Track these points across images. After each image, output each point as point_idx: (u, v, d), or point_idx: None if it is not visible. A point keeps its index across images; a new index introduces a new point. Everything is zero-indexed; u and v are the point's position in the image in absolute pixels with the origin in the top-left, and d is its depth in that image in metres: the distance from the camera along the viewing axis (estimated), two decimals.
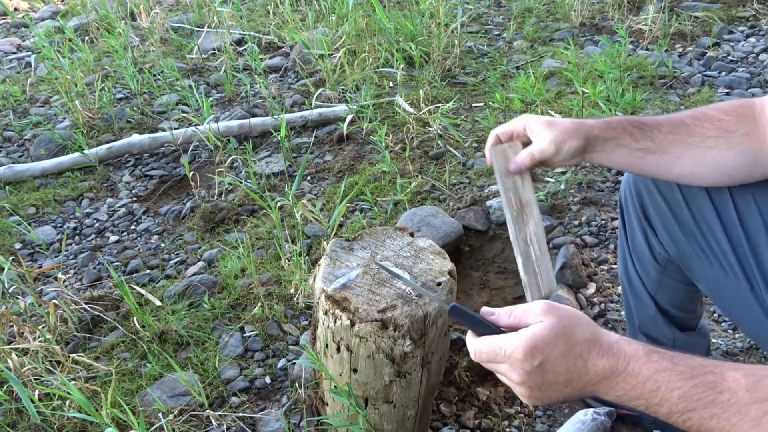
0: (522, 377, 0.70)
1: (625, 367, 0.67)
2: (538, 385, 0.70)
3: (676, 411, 0.64)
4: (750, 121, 0.96)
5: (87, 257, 2.12)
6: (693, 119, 0.97)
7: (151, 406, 1.49)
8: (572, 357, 0.68)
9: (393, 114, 2.72)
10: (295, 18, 3.69)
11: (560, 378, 0.69)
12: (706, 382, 0.63)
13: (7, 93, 3.30)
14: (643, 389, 0.66)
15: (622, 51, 2.79)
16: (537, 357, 0.68)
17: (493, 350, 0.72)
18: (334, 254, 1.13)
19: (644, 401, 0.66)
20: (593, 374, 0.68)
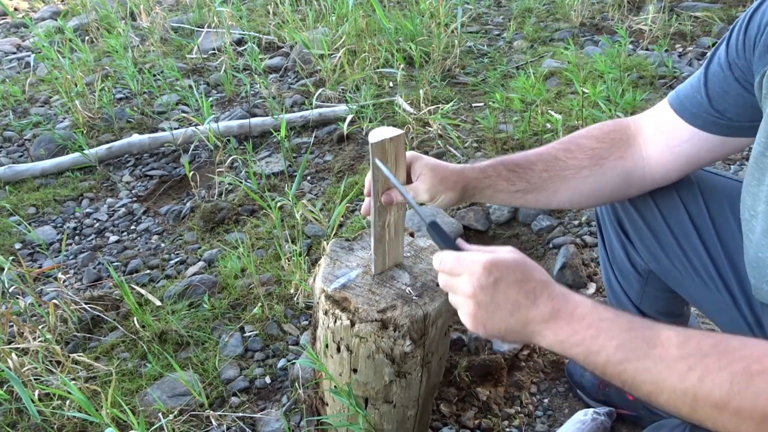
0: (474, 289, 0.74)
1: (571, 311, 0.71)
2: (486, 304, 0.74)
3: (612, 361, 0.67)
4: (623, 144, 1.00)
5: (87, 257, 2.12)
6: (566, 152, 1.00)
7: (151, 406, 1.49)
8: (525, 289, 0.73)
9: (393, 114, 2.72)
10: (295, 18, 3.69)
11: (508, 304, 0.73)
12: (643, 336, 0.67)
13: (7, 93, 3.30)
14: (585, 335, 0.69)
15: (622, 51, 2.79)
16: (494, 273, 0.73)
17: (457, 260, 0.77)
18: (334, 254, 1.13)
19: (584, 348, 0.69)
20: (540, 312, 0.72)
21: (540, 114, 2.56)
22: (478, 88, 2.95)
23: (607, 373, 0.68)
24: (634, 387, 0.67)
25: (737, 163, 2.26)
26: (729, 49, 0.87)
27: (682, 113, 0.94)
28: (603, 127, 1.03)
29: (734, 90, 0.87)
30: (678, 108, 0.95)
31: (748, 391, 0.59)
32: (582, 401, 1.46)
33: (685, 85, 0.96)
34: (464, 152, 2.44)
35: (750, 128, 0.87)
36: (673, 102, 0.96)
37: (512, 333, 0.74)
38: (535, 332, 0.73)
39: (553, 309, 0.72)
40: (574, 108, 2.43)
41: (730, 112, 0.89)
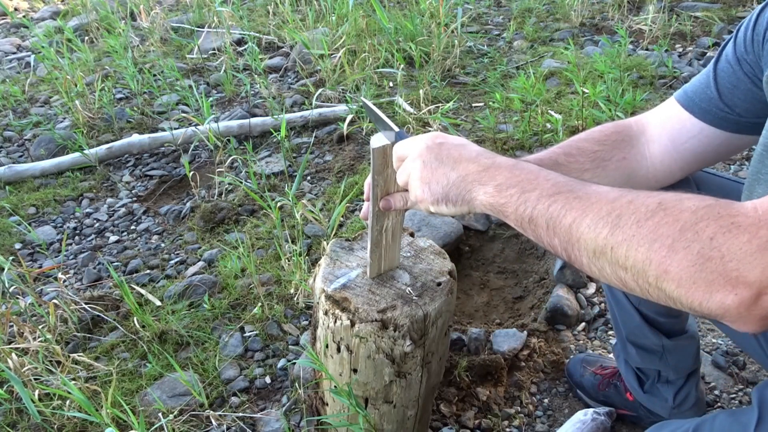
0: (421, 150, 0.80)
1: (514, 163, 0.75)
2: (430, 162, 0.79)
3: (545, 194, 0.69)
4: (625, 146, 1.00)
5: (87, 257, 2.12)
6: (567, 156, 1.00)
7: (151, 406, 1.49)
8: (469, 149, 0.79)
9: (393, 114, 2.72)
10: (295, 18, 3.69)
11: (450, 160, 0.78)
12: (579, 181, 0.70)
13: (7, 93, 3.30)
14: (523, 177, 0.72)
15: (622, 51, 2.79)
16: (440, 138, 0.81)
17: (411, 138, 0.84)
18: (334, 254, 1.13)
19: (519, 188, 0.71)
20: (480, 163, 0.76)
21: (540, 114, 2.56)
22: (478, 88, 2.95)
23: (536, 212, 0.69)
24: (558, 219, 0.67)
25: (737, 163, 2.26)
26: (737, 45, 0.88)
27: (691, 109, 0.94)
28: (604, 129, 1.03)
29: (743, 85, 0.88)
30: (687, 104, 0.95)
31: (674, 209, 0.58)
32: (582, 401, 1.46)
33: (693, 82, 0.96)
34: None
35: (756, 125, 0.87)
36: (682, 99, 0.96)
37: (454, 188, 0.77)
38: (475, 182, 0.76)
39: (494, 161, 0.76)
40: (574, 108, 2.43)
41: (739, 107, 0.89)
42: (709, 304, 0.56)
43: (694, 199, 0.58)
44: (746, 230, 0.54)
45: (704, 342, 1.59)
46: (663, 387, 1.30)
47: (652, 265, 0.58)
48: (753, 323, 0.56)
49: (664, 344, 1.23)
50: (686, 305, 0.57)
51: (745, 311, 0.55)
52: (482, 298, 1.85)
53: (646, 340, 1.24)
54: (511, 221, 0.73)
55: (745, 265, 0.53)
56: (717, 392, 1.47)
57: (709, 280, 0.55)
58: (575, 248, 0.65)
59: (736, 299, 0.54)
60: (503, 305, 1.82)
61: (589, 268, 0.65)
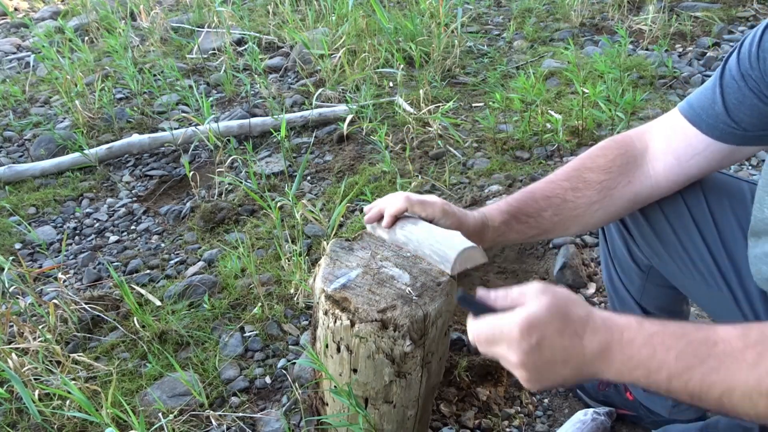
0: (520, 357, 0.70)
1: (620, 338, 0.68)
2: (536, 365, 0.70)
3: (675, 373, 0.64)
4: (630, 169, 1.00)
5: (87, 257, 2.12)
6: (574, 191, 1.00)
7: (151, 406, 1.49)
8: (568, 334, 0.69)
9: (393, 114, 2.72)
10: (295, 18, 3.69)
11: (558, 357, 0.69)
12: (699, 338, 0.64)
13: (7, 93, 3.30)
14: (641, 357, 0.66)
15: (622, 51, 2.79)
16: (534, 335, 0.69)
17: (492, 330, 0.72)
18: (334, 254, 1.13)
19: (644, 370, 0.66)
20: (590, 350, 0.69)
21: (540, 114, 2.56)
22: (478, 88, 2.95)
23: (673, 389, 0.66)
24: (703, 395, 0.64)
25: (737, 163, 2.26)
26: (741, 61, 0.87)
27: (698, 124, 0.93)
28: (607, 153, 1.01)
29: (749, 100, 0.87)
30: (694, 119, 0.94)
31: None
32: (582, 401, 1.46)
33: (698, 96, 0.95)
34: (464, 152, 2.45)
35: (762, 137, 0.88)
36: (687, 113, 0.95)
37: (571, 379, 0.72)
38: (593, 371, 0.70)
39: (601, 343, 0.69)
40: (574, 108, 2.43)
41: (744, 122, 0.89)
42: None
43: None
44: None
45: None
46: None
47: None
48: None
49: None
50: None
51: None
52: None
53: None
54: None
55: None
56: None
57: None
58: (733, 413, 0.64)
59: None
60: None
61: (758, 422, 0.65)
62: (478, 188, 2.22)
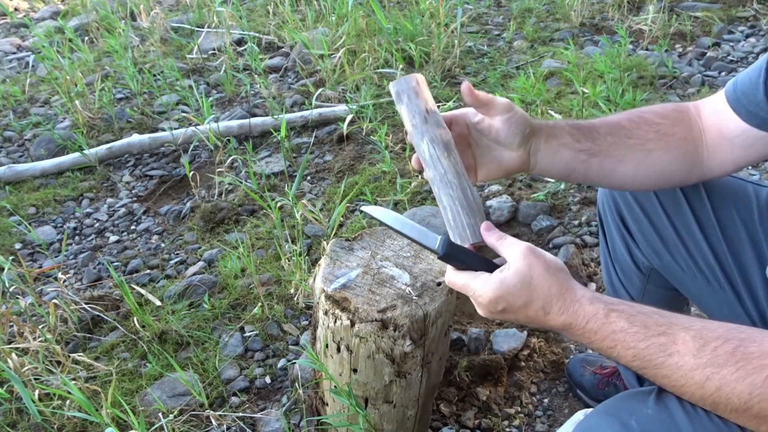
0: (485, 313, 0.79)
1: (583, 326, 0.72)
2: (497, 313, 0.78)
3: (631, 367, 0.70)
4: (686, 126, 0.96)
5: (87, 257, 2.12)
6: (630, 122, 0.96)
7: (151, 406, 1.49)
8: (534, 309, 0.74)
9: (393, 114, 2.72)
10: (295, 18, 3.69)
11: (520, 319, 0.77)
12: (658, 344, 0.68)
13: (7, 93, 3.30)
14: (601, 345, 0.71)
15: (622, 51, 2.79)
16: (501, 304, 0.75)
17: (465, 287, 0.80)
18: (334, 254, 1.13)
19: (602, 352, 0.72)
20: (552, 325, 0.75)
21: (540, 114, 2.56)
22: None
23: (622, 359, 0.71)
24: (647, 370, 0.69)
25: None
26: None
27: (738, 110, 0.90)
28: (666, 106, 0.99)
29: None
30: (735, 104, 0.91)
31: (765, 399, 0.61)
32: (582, 401, 1.46)
33: (744, 78, 0.91)
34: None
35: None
36: (730, 97, 0.92)
37: (527, 323, 0.79)
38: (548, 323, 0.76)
39: (564, 323, 0.73)
40: (574, 108, 2.43)
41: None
42: None
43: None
44: None
45: None
46: None
47: None
48: None
49: None
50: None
51: None
52: None
53: None
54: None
55: None
56: None
57: None
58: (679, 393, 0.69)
59: None
60: None
61: None
62: (478, 188, 2.22)
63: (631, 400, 0.76)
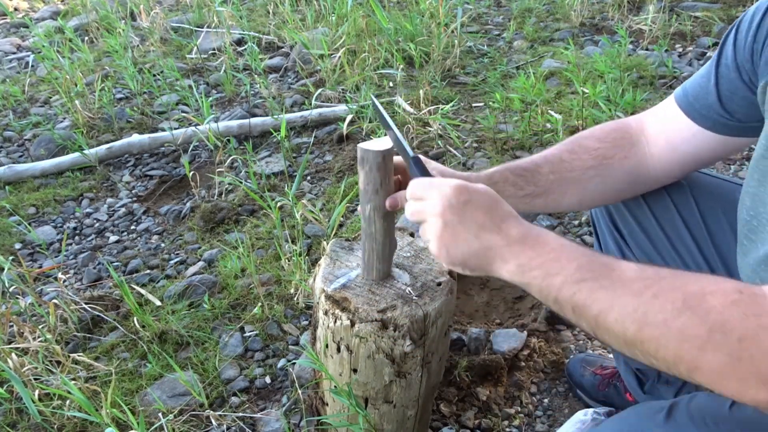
0: (443, 208, 0.75)
1: (536, 237, 0.73)
2: (452, 224, 0.75)
3: (569, 281, 0.68)
4: (626, 144, 1.00)
5: (87, 257, 2.12)
6: (570, 153, 1.00)
7: (151, 406, 1.49)
8: (493, 214, 0.75)
9: (393, 114, 2.72)
10: (294, 18, 3.69)
11: (474, 225, 0.74)
12: (602, 261, 0.69)
13: (7, 93, 3.30)
14: (546, 258, 0.70)
15: (622, 51, 2.79)
16: (464, 195, 0.75)
17: (430, 184, 0.79)
18: (334, 254, 1.13)
19: (543, 271, 0.70)
20: (505, 234, 0.74)
21: (540, 114, 2.56)
22: (478, 88, 2.95)
23: (561, 297, 0.69)
24: (584, 308, 0.67)
25: (737, 163, 2.26)
26: (737, 51, 0.86)
27: (690, 113, 0.93)
28: (604, 127, 1.03)
29: (741, 92, 0.86)
30: (687, 108, 0.94)
31: (699, 308, 0.59)
32: (582, 401, 1.46)
33: (693, 84, 0.94)
34: (464, 152, 2.45)
35: (757, 128, 0.86)
36: (681, 101, 0.95)
37: (474, 257, 0.75)
38: (497, 256, 0.74)
39: (518, 234, 0.73)
40: (574, 108, 2.43)
41: (738, 113, 0.88)
42: (742, 398, 0.58)
43: (719, 295, 0.59)
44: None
45: None
46: (663, 388, 1.30)
47: (683, 362, 0.60)
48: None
49: None
50: (718, 392, 0.59)
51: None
52: (482, 298, 1.85)
53: None
54: (534, 294, 0.73)
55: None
56: None
57: (740, 378, 0.56)
58: (604, 335, 0.67)
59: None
60: (503, 305, 1.82)
61: (620, 350, 0.67)
62: None
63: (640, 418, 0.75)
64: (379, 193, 0.95)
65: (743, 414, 0.72)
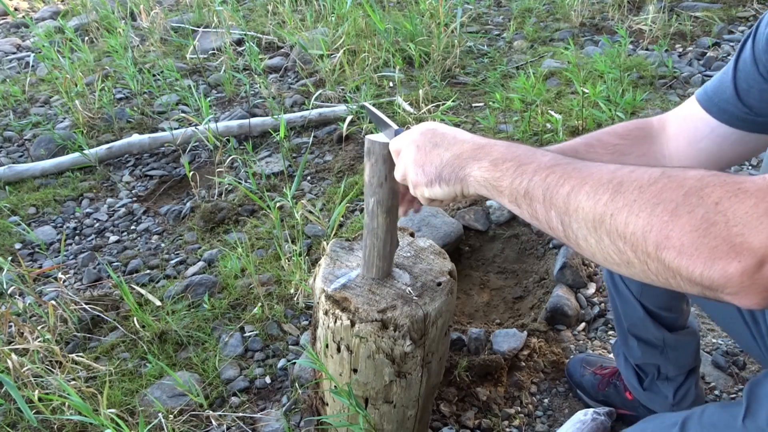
0: (414, 137, 0.82)
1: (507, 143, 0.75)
2: (424, 145, 0.80)
3: (542, 167, 0.66)
4: (645, 142, 0.99)
5: (87, 257, 2.12)
6: (586, 146, 0.99)
7: (151, 406, 1.49)
8: (461, 132, 0.80)
9: (393, 114, 2.72)
10: (294, 18, 3.68)
11: (445, 141, 0.79)
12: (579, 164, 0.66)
13: (7, 93, 3.30)
14: (518, 152, 0.71)
15: (622, 51, 2.79)
16: (433, 125, 0.83)
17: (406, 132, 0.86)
18: (334, 254, 1.13)
19: (516, 162, 0.69)
20: (475, 142, 0.77)
21: (540, 114, 2.56)
22: (478, 88, 2.95)
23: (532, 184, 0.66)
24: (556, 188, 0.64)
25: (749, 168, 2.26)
26: (756, 45, 0.86)
27: (709, 108, 0.93)
28: (627, 125, 1.02)
29: (759, 85, 0.86)
30: (706, 104, 0.93)
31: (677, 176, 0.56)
32: (582, 401, 1.46)
33: (714, 81, 0.94)
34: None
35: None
36: (701, 98, 0.95)
37: (448, 166, 0.77)
38: (470, 158, 0.75)
39: (489, 141, 0.76)
40: (574, 108, 2.43)
41: (756, 107, 0.87)
42: (711, 273, 0.52)
43: (699, 169, 0.56)
44: (753, 195, 0.52)
45: (704, 342, 1.59)
46: (663, 384, 1.30)
47: (653, 231, 0.55)
48: (756, 295, 0.52)
49: (666, 338, 1.23)
50: (686, 276, 0.54)
51: (748, 280, 0.51)
52: (482, 298, 1.85)
53: (648, 333, 1.24)
54: (506, 197, 0.70)
55: (751, 230, 0.50)
56: (717, 392, 1.47)
57: (712, 246, 0.51)
58: (573, 219, 0.62)
59: (740, 267, 0.51)
60: (503, 305, 1.82)
61: (586, 242, 0.62)
62: None
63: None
64: (383, 187, 0.96)
65: (756, 426, 0.71)
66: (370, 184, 0.98)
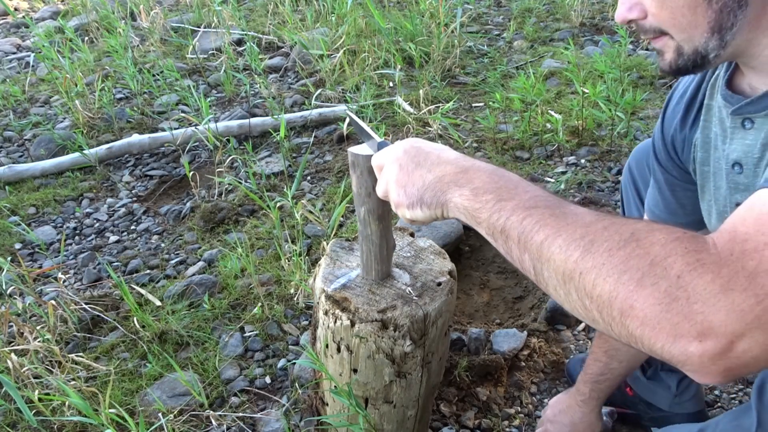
0: (397, 155, 0.81)
1: (493, 167, 0.74)
2: (407, 165, 0.79)
3: (521, 206, 0.66)
4: None
5: (87, 257, 2.12)
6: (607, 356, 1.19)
7: (151, 406, 1.49)
8: (446, 151, 0.80)
9: (393, 114, 2.72)
10: (294, 18, 3.69)
11: (428, 162, 0.78)
12: (560, 198, 0.67)
13: (7, 93, 3.30)
14: (501, 183, 0.70)
15: (622, 51, 2.79)
16: (417, 143, 0.82)
17: (389, 148, 0.85)
18: (334, 254, 1.13)
19: (496, 195, 0.69)
20: (459, 165, 0.75)
21: (540, 114, 2.56)
22: (478, 88, 2.95)
23: (509, 223, 0.66)
24: (531, 234, 0.63)
25: None
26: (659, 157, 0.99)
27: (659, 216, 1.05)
28: None
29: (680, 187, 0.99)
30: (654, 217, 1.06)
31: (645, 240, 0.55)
32: None
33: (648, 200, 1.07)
34: (464, 152, 2.44)
35: None
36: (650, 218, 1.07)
37: (429, 190, 0.76)
38: (452, 183, 0.74)
39: (473, 164, 0.74)
40: (574, 108, 2.43)
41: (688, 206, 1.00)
42: (672, 349, 0.52)
43: (665, 231, 0.56)
44: (710, 269, 0.51)
45: None
46: (666, 375, 1.30)
47: (618, 298, 0.54)
48: (716, 375, 0.52)
49: None
50: (648, 347, 0.54)
51: (708, 361, 0.51)
52: (482, 298, 1.85)
53: None
54: (483, 228, 0.70)
55: (709, 308, 0.50)
56: (717, 392, 1.47)
57: (674, 322, 0.51)
58: (545, 268, 0.62)
59: (700, 348, 0.51)
60: (503, 305, 1.82)
61: (556, 291, 0.62)
62: None
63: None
64: (372, 196, 0.96)
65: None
66: (358, 195, 0.98)
